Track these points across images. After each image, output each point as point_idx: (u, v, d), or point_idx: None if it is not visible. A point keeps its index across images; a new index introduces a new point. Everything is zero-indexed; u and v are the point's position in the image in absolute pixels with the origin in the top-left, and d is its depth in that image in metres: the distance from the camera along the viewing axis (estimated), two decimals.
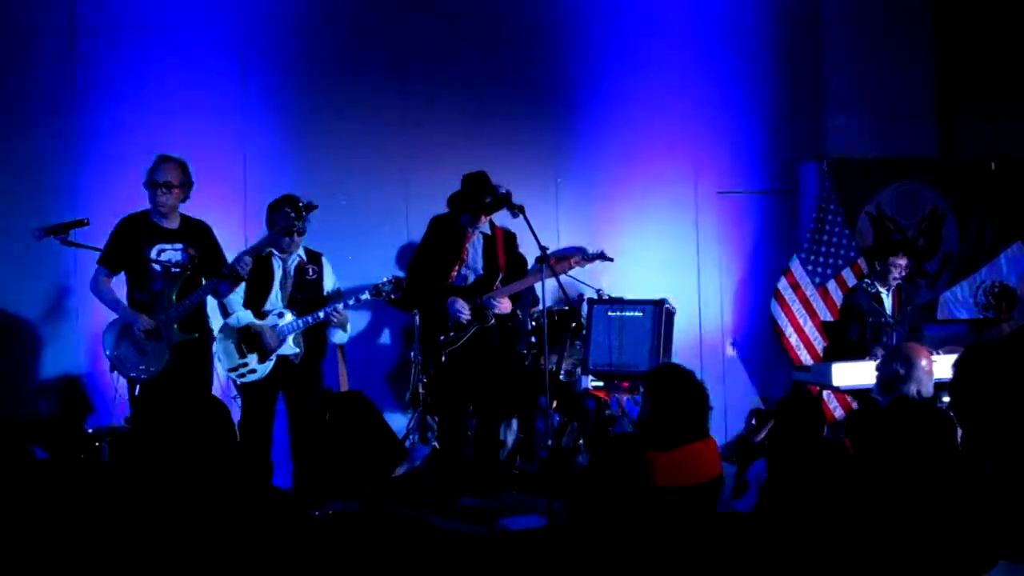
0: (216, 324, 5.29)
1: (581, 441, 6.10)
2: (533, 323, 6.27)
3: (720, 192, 7.44)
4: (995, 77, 7.77)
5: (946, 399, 4.69)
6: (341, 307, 5.23)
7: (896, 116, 7.80)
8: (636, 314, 6.21)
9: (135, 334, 4.87)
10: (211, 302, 5.23)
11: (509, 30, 6.93)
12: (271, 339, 5.17)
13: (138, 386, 4.90)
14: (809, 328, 7.24)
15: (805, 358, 7.13)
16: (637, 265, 6.90)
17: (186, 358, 4.90)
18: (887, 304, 6.44)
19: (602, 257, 5.68)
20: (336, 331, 5.40)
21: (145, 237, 4.97)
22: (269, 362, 5.18)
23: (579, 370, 6.46)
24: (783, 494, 3.50)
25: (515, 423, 6.17)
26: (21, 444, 4.13)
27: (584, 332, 6.32)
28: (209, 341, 5.17)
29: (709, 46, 7.43)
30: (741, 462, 5.19)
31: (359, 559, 2.70)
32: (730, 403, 7.04)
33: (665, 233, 7.26)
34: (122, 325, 4.94)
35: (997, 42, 7.80)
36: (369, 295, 5.29)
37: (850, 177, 7.54)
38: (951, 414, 3.55)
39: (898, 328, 6.32)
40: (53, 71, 5.92)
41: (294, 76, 6.49)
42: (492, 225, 5.49)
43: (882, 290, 6.45)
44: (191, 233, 5.07)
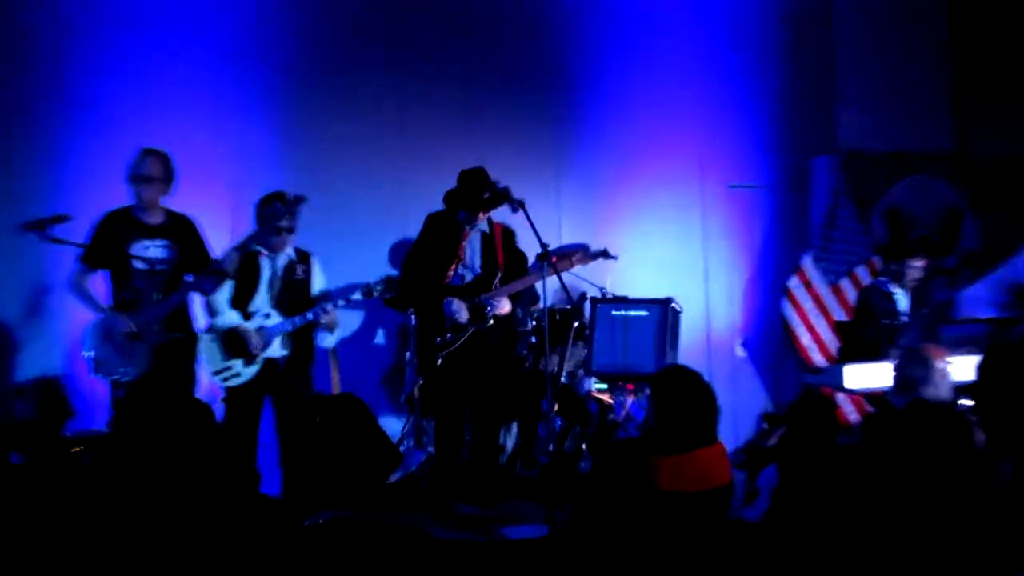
0: (202, 323, 5.26)
1: (584, 446, 6.09)
2: (534, 323, 6.25)
3: (731, 186, 7.46)
4: (1012, 71, 7.75)
5: (964, 402, 4.66)
6: (330, 308, 5.21)
7: (911, 110, 7.79)
8: (641, 313, 6.21)
9: (115, 335, 4.86)
10: (198, 301, 5.21)
11: (509, 29, 6.98)
12: (257, 343, 5.14)
13: (120, 389, 4.87)
14: (822, 328, 7.22)
15: (818, 359, 7.12)
16: (642, 263, 6.90)
17: (170, 359, 4.90)
18: (903, 304, 6.42)
19: (605, 255, 5.67)
20: (324, 335, 5.39)
21: (127, 233, 4.95)
22: (255, 365, 5.15)
23: (582, 372, 6.46)
24: (795, 502, 3.49)
25: (515, 427, 6.17)
26: None
27: (587, 332, 6.31)
28: (194, 341, 5.14)
29: (714, 40, 7.44)
30: (751, 468, 5.16)
31: (352, 571, 2.68)
32: (739, 406, 6.99)
33: (670, 230, 7.27)
34: (102, 325, 4.92)
35: (1014, 35, 7.78)
36: (360, 295, 5.28)
37: (863, 172, 7.51)
38: (971, 417, 3.53)
39: (914, 329, 6.30)
40: (39, 67, 5.95)
41: (293, 76, 6.55)
42: (490, 222, 5.47)
43: (897, 290, 6.43)
44: (175, 228, 5.06)
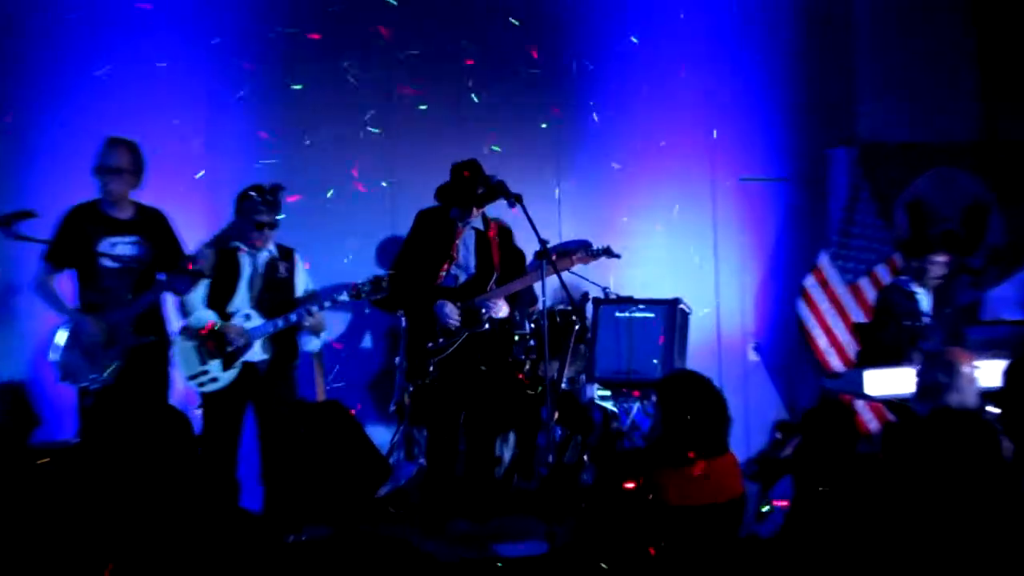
0: (176, 325, 5.21)
1: (586, 456, 6.03)
2: (532, 325, 6.19)
3: (743, 179, 7.44)
4: None
5: (992, 409, 4.60)
6: (316, 309, 5.14)
7: (934, 98, 7.75)
8: (647, 315, 6.25)
9: (82, 339, 4.81)
10: (171, 301, 5.17)
11: (508, 25, 6.94)
12: (238, 340, 5.06)
13: (88, 397, 4.83)
14: (840, 330, 7.18)
15: (835, 363, 7.09)
16: (648, 261, 6.88)
17: (141, 364, 4.88)
18: (925, 304, 6.36)
19: (608, 253, 5.62)
20: (309, 338, 5.34)
21: (95, 229, 4.92)
22: (233, 369, 5.07)
23: (583, 378, 6.43)
24: (812, 517, 3.45)
25: (512, 437, 6.12)
26: None
27: (589, 336, 6.29)
28: (167, 345, 5.09)
29: (722, 27, 7.41)
30: (765, 481, 5.15)
31: None
32: (752, 414, 6.96)
33: (678, 227, 7.24)
34: (69, 329, 4.88)
35: None
36: (347, 296, 5.22)
37: (883, 164, 7.48)
38: (998, 426, 3.50)
39: (937, 331, 6.24)
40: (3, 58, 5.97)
41: (277, 68, 6.53)
42: (485, 219, 5.43)
43: (919, 290, 6.37)
44: (146, 223, 5.03)
